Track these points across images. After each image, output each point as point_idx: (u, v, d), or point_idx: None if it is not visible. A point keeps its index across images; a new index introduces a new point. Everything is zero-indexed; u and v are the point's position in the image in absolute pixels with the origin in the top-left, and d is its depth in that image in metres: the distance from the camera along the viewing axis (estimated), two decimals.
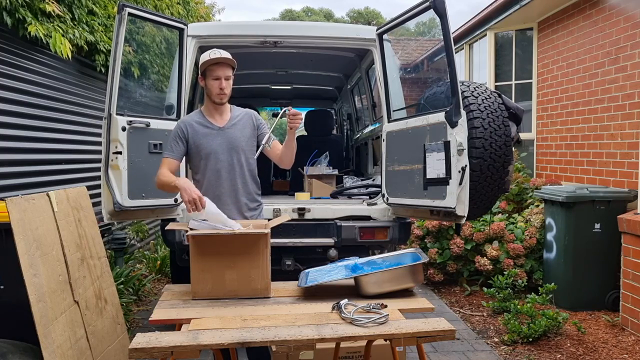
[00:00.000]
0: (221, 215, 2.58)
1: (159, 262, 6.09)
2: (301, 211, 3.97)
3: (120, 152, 3.35)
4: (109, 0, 5.45)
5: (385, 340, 2.17)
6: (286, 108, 2.81)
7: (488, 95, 3.47)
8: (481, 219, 5.51)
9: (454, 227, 5.35)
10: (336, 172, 5.07)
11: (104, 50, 5.24)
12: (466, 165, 3.16)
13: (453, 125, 3.16)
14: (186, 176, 3.76)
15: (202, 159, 2.92)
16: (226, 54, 2.88)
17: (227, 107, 3.03)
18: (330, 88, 7.18)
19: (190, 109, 4.82)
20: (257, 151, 3.00)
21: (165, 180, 2.78)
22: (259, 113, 3.26)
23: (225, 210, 2.79)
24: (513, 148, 3.56)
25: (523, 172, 6.53)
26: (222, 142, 2.94)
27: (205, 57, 2.88)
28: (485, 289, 4.94)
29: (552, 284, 4.51)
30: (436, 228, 5.67)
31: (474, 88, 3.51)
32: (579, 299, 4.77)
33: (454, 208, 3.17)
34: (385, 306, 2.25)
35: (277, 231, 3.35)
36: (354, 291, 2.55)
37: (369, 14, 35.68)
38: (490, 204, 3.62)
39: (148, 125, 3.51)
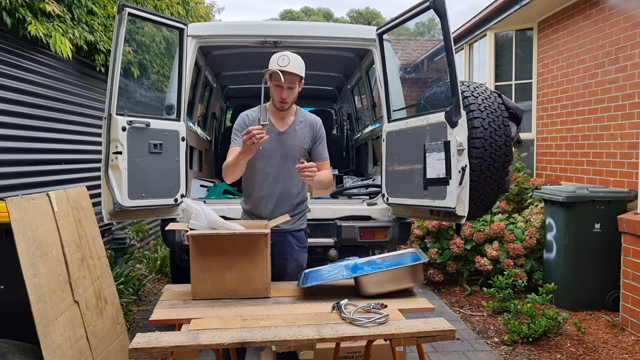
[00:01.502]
0: (222, 222, 2.57)
1: (159, 262, 6.09)
2: None
3: (120, 152, 3.35)
4: (109, 0, 5.45)
5: (385, 340, 2.17)
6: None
7: (488, 95, 3.47)
8: (481, 219, 5.51)
9: (454, 227, 5.36)
10: (336, 172, 5.07)
11: (104, 50, 5.24)
12: (466, 165, 3.16)
13: (453, 125, 3.16)
14: (186, 173, 3.77)
15: (255, 157, 2.80)
16: (294, 63, 2.75)
17: (291, 110, 2.95)
18: (330, 88, 7.18)
19: (191, 109, 4.83)
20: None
21: (230, 162, 2.78)
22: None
23: (268, 213, 2.90)
24: (513, 148, 3.56)
25: (523, 172, 6.53)
26: (277, 146, 2.87)
27: (273, 60, 2.76)
28: (485, 289, 4.94)
29: (552, 284, 4.51)
30: (436, 228, 5.67)
31: (474, 88, 3.51)
32: (579, 299, 4.77)
33: (454, 208, 3.17)
34: (385, 306, 2.25)
35: None
36: (354, 291, 2.55)
37: (369, 14, 35.69)
38: (490, 204, 3.62)
39: (148, 125, 3.51)
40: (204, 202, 3.99)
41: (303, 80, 2.85)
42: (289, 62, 2.73)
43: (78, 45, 4.77)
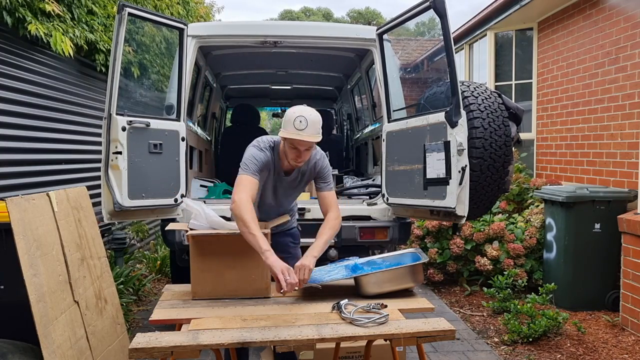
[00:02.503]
0: (222, 222, 2.58)
1: (159, 262, 6.09)
2: (301, 211, 3.96)
3: (120, 152, 3.35)
4: (109, 0, 5.45)
5: (385, 340, 2.17)
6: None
7: (488, 95, 3.47)
8: (481, 219, 5.51)
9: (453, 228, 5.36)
10: (336, 172, 5.06)
11: (104, 50, 5.24)
12: (466, 165, 3.16)
13: (453, 125, 3.16)
14: (186, 173, 3.77)
15: (261, 189, 2.76)
16: (312, 127, 2.54)
17: None
18: (330, 88, 7.18)
19: (191, 109, 4.82)
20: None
21: (243, 224, 2.42)
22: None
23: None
24: (513, 148, 3.56)
25: (523, 172, 6.53)
26: (279, 185, 2.84)
27: (289, 121, 2.55)
28: (485, 289, 4.94)
29: (552, 284, 4.51)
30: (436, 228, 5.67)
31: (474, 88, 3.51)
32: (579, 299, 4.77)
33: (454, 208, 3.17)
34: (386, 306, 2.25)
35: None
36: (354, 291, 2.55)
37: (369, 14, 35.68)
38: (490, 204, 3.62)
39: (148, 125, 3.51)
40: (204, 202, 3.99)
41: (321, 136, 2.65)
42: (307, 126, 2.52)
43: (78, 44, 4.77)
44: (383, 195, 3.94)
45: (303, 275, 2.40)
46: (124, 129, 3.37)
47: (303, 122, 2.53)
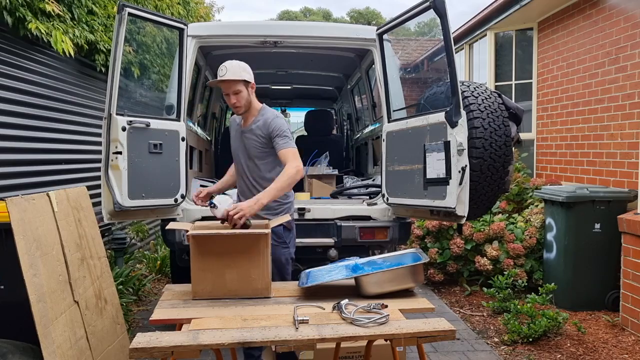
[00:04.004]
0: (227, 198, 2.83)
1: (159, 262, 6.09)
2: (301, 211, 3.97)
3: (120, 152, 3.35)
4: (109, 0, 5.45)
5: (386, 340, 2.17)
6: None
7: (488, 95, 3.47)
8: (481, 219, 5.51)
9: (454, 227, 5.36)
10: (336, 172, 5.07)
11: (104, 49, 5.24)
12: (466, 165, 3.16)
13: (453, 125, 3.16)
14: (186, 173, 3.77)
15: (233, 157, 3.18)
16: (232, 71, 2.95)
17: (253, 112, 3.11)
18: (330, 88, 7.18)
19: (191, 109, 4.82)
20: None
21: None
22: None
23: None
24: (513, 148, 3.56)
25: (523, 172, 6.53)
26: (240, 145, 3.13)
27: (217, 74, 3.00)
28: (485, 289, 4.94)
29: (552, 284, 4.51)
30: (436, 228, 5.67)
31: (474, 88, 3.51)
32: (579, 299, 4.77)
33: (454, 208, 3.17)
34: (386, 306, 2.25)
35: None
36: (355, 291, 2.55)
37: (369, 14, 35.68)
38: (491, 204, 3.62)
39: (148, 125, 3.51)
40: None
41: (252, 82, 3.04)
42: (227, 72, 2.94)
43: (78, 44, 4.77)
44: (383, 195, 3.93)
45: (237, 216, 2.60)
46: (124, 129, 3.36)
47: (223, 69, 2.95)
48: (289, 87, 7.03)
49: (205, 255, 2.49)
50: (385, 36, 3.96)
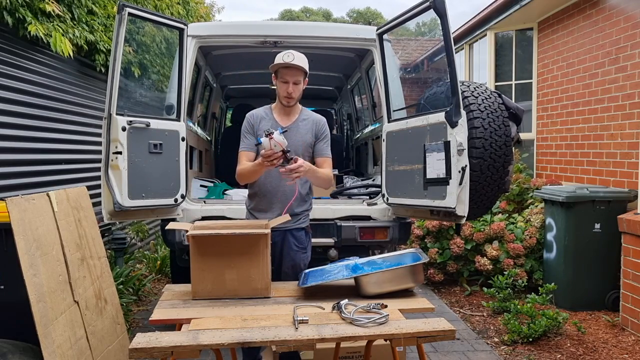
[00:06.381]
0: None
1: (159, 262, 6.09)
2: None
3: (120, 152, 3.35)
4: (109, 0, 5.45)
5: (386, 340, 2.17)
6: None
7: (488, 95, 3.47)
8: (481, 219, 5.51)
9: (454, 227, 5.35)
10: (336, 172, 5.06)
11: (104, 50, 5.24)
12: (466, 165, 3.16)
13: (453, 125, 3.15)
14: (186, 173, 3.77)
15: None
16: (299, 59, 2.84)
17: (296, 109, 3.03)
18: (330, 88, 7.18)
19: (191, 109, 4.83)
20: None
21: (246, 171, 2.85)
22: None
23: (270, 210, 2.92)
24: (514, 148, 3.56)
25: (525, 173, 6.53)
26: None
27: (278, 58, 2.85)
28: (485, 289, 4.94)
29: (552, 284, 4.51)
30: (436, 228, 5.67)
31: (474, 88, 3.51)
32: (579, 299, 4.77)
33: (454, 208, 3.17)
34: (386, 306, 2.25)
35: None
36: (354, 291, 2.55)
37: (369, 14, 35.68)
38: (491, 204, 3.62)
39: (148, 125, 3.51)
40: (204, 202, 4.00)
41: (307, 79, 2.94)
42: (294, 58, 2.81)
43: (78, 45, 4.77)
44: (383, 195, 3.93)
45: (295, 170, 2.58)
46: (124, 129, 3.36)
47: (290, 56, 2.81)
48: None
49: (205, 255, 2.49)
50: (385, 36, 3.96)
